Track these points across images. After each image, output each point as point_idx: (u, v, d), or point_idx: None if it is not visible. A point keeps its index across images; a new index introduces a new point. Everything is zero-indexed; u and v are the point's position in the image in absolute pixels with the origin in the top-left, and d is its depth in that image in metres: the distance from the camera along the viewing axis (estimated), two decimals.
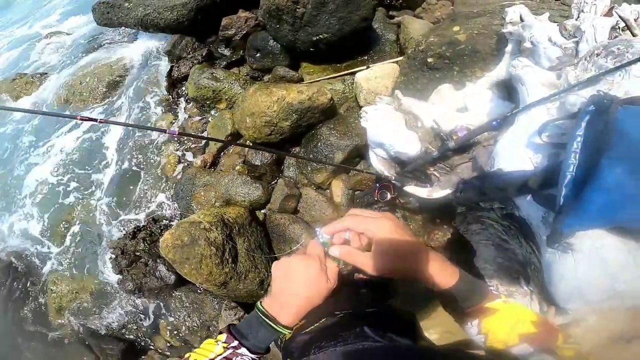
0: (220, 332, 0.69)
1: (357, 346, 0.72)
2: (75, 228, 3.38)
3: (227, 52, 3.45)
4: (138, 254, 2.77)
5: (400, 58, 2.37)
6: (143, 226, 2.90)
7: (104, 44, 4.72)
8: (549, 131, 1.03)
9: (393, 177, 1.79)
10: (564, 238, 0.88)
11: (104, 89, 3.90)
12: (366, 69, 2.42)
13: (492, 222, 1.48)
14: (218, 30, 3.42)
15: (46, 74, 4.77)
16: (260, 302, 0.70)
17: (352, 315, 0.90)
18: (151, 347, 2.83)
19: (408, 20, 2.55)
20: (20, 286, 3.37)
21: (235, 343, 0.66)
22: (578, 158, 0.85)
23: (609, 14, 1.35)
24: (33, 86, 4.55)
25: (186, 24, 3.52)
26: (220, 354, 0.65)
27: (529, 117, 1.20)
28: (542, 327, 0.63)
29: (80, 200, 3.54)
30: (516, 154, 1.18)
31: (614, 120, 0.79)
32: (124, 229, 3.08)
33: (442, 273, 0.64)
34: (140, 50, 4.22)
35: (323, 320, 0.88)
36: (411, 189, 1.73)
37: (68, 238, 3.39)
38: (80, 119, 1.03)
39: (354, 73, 2.50)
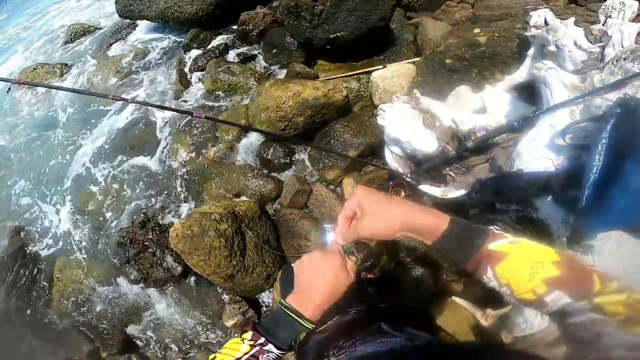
0: (245, 331, 0.70)
1: (377, 346, 0.72)
2: (86, 214, 3.43)
3: (244, 47, 3.48)
4: (146, 243, 2.77)
5: (418, 59, 2.36)
6: (153, 216, 2.91)
7: (124, 37, 4.79)
8: (572, 133, 1.03)
9: (408, 175, 1.78)
10: (585, 239, 0.87)
11: (122, 81, 3.96)
12: (382, 68, 2.41)
13: (506, 225, 1.47)
14: (236, 25, 3.46)
15: (67, 64, 4.84)
16: (284, 298, 0.71)
17: (366, 312, 0.90)
18: (152, 338, 2.83)
19: (427, 22, 2.54)
20: (27, 271, 3.39)
21: (262, 340, 0.66)
22: (602, 160, 0.85)
23: (636, 19, 1.34)
24: (54, 75, 4.63)
25: (205, 18, 3.57)
26: (247, 352, 0.66)
27: (552, 119, 1.19)
28: (568, 267, 0.53)
29: (92, 187, 3.59)
30: (538, 154, 1.17)
31: None
32: (134, 218, 3.11)
33: (429, 219, 0.60)
34: (160, 43, 4.29)
35: (336, 317, 0.89)
36: (425, 187, 1.73)
37: (78, 223, 3.43)
38: (113, 98, 1.05)
39: (369, 72, 2.50)
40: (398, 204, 0.63)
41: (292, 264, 0.76)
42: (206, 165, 2.69)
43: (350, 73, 2.59)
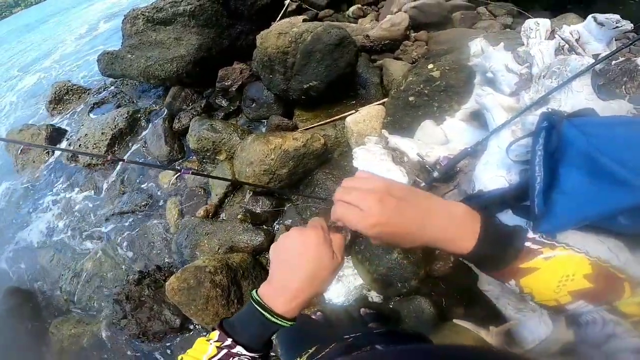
0: (214, 329, 0.59)
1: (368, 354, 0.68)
2: (81, 273, 3.40)
3: (224, 102, 3.69)
4: (143, 299, 2.76)
5: (385, 99, 2.56)
6: (147, 272, 2.91)
7: (108, 96, 4.95)
8: (515, 151, 1.15)
9: None
10: None
11: (109, 141, 4.04)
12: (355, 112, 2.60)
13: None
14: (215, 81, 3.67)
15: (53, 125, 4.85)
16: (256, 289, 0.58)
17: (362, 337, 0.85)
18: None
19: (389, 63, 2.78)
20: (22, 328, 3.27)
21: (229, 341, 0.55)
22: (542, 170, 0.96)
23: (551, 37, 1.51)
24: (40, 137, 4.58)
25: (185, 75, 3.74)
26: (214, 355, 0.55)
27: (497, 141, 1.32)
28: (599, 280, 0.49)
29: (87, 246, 3.60)
30: (492, 174, 1.28)
31: (563, 133, 0.91)
32: (128, 276, 3.10)
33: (454, 227, 0.50)
34: (144, 102, 4.47)
35: (333, 345, 0.84)
36: None
37: (73, 283, 3.41)
38: (111, 159, 1.15)
39: (344, 118, 2.68)
40: (414, 202, 0.54)
41: None
42: (198, 223, 2.76)
43: (326, 121, 2.77)
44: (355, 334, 0.86)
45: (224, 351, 0.55)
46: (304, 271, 0.55)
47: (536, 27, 1.51)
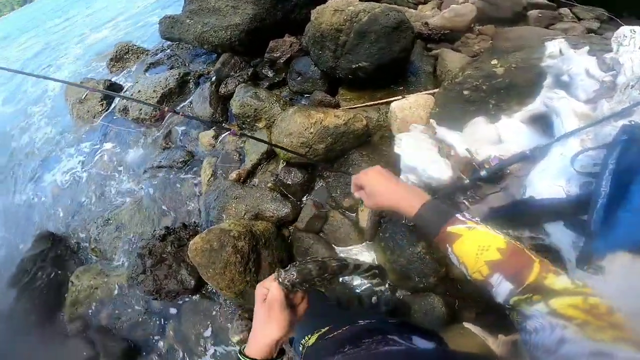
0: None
1: (379, 349, 0.72)
2: (111, 224, 3.60)
3: (270, 73, 3.68)
4: (164, 255, 2.86)
5: (436, 90, 2.42)
6: (173, 229, 3.01)
7: (164, 58, 5.18)
8: (581, 161, 1.04)
9: None
10: (594, 260, 0.87)
11: (157, 100, 4.23)
12: (401, 98, 2.48)
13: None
14: (264, 52, 3.67)
15: (111, 80, 5.21)
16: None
17: (374, 324, 0.89)
18: (154, 350, 2.84)
19: (446, 53, 2.62)
20: (44, 274, 3.51)
21: None
22: (609, 186, 0.86)
23: None
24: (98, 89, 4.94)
25: (237, 43, 3.80)
26: None
27: (562, 148, 1.20)
28: (510, 254, 0.59)
29: (121, 198, 3.80)
30: (549, 182, 1.18)
31: None
32: (155, 231, 3.23)
33: (410, 201, 0.74)
34: (196, 66, 4.61)
35: (346, 327, 0.88)
36: None
37: (102, 233, 3.60)
38: (168, 110, 1.17)
39: (389, 102, 2.58)
40: (385, 188, 0.80)
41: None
42: (229, 186, 2.81)
43: (371, 103, 2.67)
44: (370, 319, 0.89)
45: None
46: (258, 321, 0.72)
47: (632, 34, 1.37)
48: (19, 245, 4.17)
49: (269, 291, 0.71)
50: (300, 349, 0.90)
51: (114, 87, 5.07)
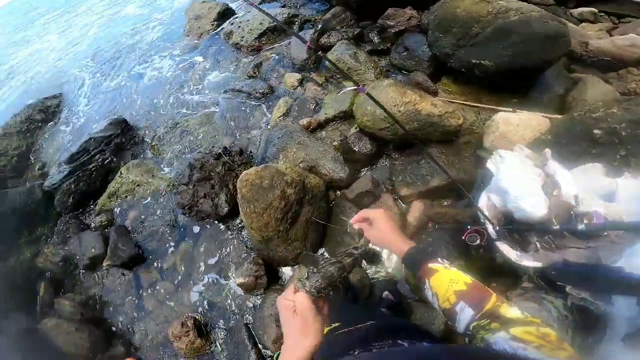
0: None
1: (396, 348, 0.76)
2: (178, 128, 3.77)
3: (376, 39, 3.49)
4: (212, 174, 2.87)
5: (559, 116, 2.10)
6: (230, 152, 3.04)
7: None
8: None
9: (496, 228, 1.62)
10: None
11: (260, 33, 4.30)
12: (512, 111, 2.21)
13: (552, 307, 1.47)
14: (378, 16, 3.46)
15: (227, 5, 5.43)
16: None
17: (384, 325, 0.93)
18: (157, 264, 2.93)
19: (592, 81, 2.25)
20: (100, 158, 3.73)
21: None
22: None
23: None
24: (214, 11, 5.26)
25: (353, 1, 3.61)
26: None
27: None
28: (473, 287, 0.73)
29: (197, 108, 3.93)
30: None
31: None
32: (213, 147, 3.31)
33: (401, 244, 0.89)
34: (304, 10, 4.53)
35: (358, 327, 0.92)
36: (503, 246, 1.59)
37: (168, 133, 3.78)
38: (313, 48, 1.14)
39: (495, 110, 2.31)
40: (388, 229, 0.91)
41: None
42: (296, 129, 2.76)
43: (474, 103, 2.42)
44: (382, 320, 0.94)
45: None
46: (293, 333, 0.67)
47: None
48: (93, 125, 4.54)
49: (297, 302, 0.68)
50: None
51: (228, 11, 5.33)
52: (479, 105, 2.38)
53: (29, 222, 3.37)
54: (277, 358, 0.69)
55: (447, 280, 0.75)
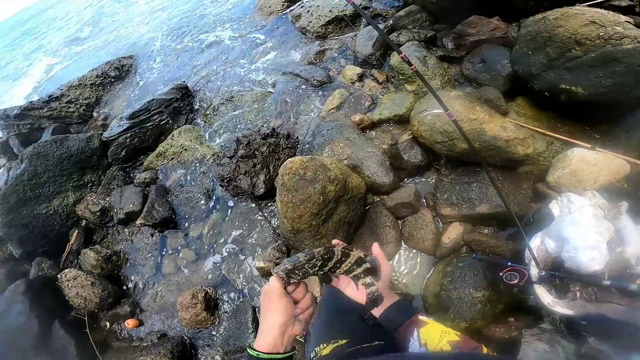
0: None
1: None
2: (233, 101, 3.84)
3: (450, 45, 3.27)
4: (257, 153, 2.88)
5: None
6: (277, 134, 3.03)
7: None
8: None
9: (541, 272, 1.47)
10: None
11: (327, 21, 4.20)
12: (590, 148, 1.96)
13: (562, 351, 1.49)
14: (457, 22, 3.23)
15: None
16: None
17: (394, 348, 0.92)
18: (185, 231, 3.03)
19: None
20: (157, 118, 3.89)
21: None
22: None
23: None
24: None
25: (433, 1, 3.41)
26: None
27: None
28: (465, 338, 0.83)
29: (253, 85, 3.98)
30: None
31: None
32: (262, 126, 3.32)
33: (390, 294, 0.98)
34: (376, 4, 4.37)
35: (365, 346, 0.88)
36: (540, 289, 1.54)
37: (222, 105, 3.86)
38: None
39: (571, 144, 2.07)
40: (386, 279, 0.92)
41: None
42: (347, 124, 2.68)
43: (548, 132, 2.17)
44: (389, 340, 0.92)
45: None
46: (263, 310, 0.79)
47: None
48: (158, 87, 4.77)
49: (268, 284, 0.77)
50: (312, 355, 0.87)
51: None
52: (555, 135, 2.14)
53: (81, 168, 3.61)
54: (252, 345, 0.76)
55: (439, 332, 0.84)
